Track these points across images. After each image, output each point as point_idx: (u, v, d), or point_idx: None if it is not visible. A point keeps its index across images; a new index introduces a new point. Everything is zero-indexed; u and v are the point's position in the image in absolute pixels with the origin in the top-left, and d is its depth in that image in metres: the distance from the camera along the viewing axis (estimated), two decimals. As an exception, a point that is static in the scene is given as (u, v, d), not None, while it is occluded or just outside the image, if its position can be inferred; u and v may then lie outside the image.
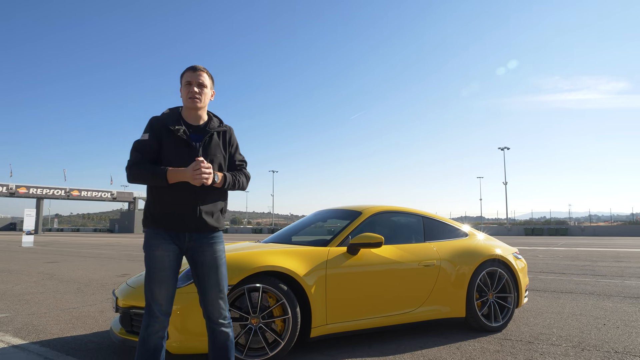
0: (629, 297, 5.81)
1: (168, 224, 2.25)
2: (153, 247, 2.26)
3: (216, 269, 2.32)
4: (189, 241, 2.29)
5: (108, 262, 11.72)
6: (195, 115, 2.37)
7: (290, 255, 3.22)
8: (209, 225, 2.30)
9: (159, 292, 2.24)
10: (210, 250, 2.32)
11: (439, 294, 3.74)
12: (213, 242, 2.34)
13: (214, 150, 2.35)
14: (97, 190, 79.97)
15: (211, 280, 2.30)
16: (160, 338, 2.27)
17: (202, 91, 2.32)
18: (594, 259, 12.45)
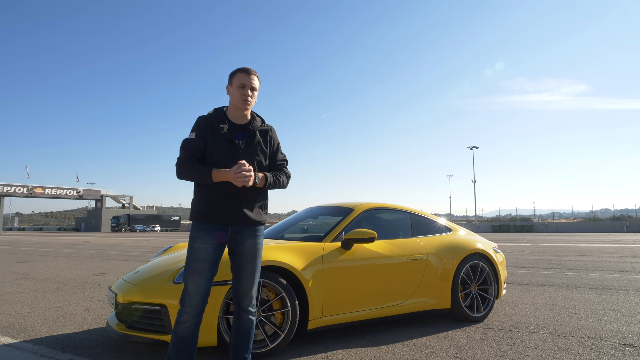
0: (595, 289, 6.19)
1: (212, 218, 2.38)
2: (194, 239, 2.39)
3: (253, 260, 2.46)
4: (231, 233, 2.42)
5: (81, 262, 11.46)
6: (241, 115, 2.50)
7: (288, 250, 3.32)
8: (250, 220, 2.43)
9: (191, 283, 2.33)
10: (250, 242, 2.45)
11: (426, 287, 3.92)
12: (253, 235, 2.47)
13: (255, 149, 2.47)
14: (62, 188, 77.19)
15: (247, 270, 2.44)
16: (188, 330, 2.34)
17: (253, 94, 2.47)
18: (560, 254, 13.07)
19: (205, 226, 2.39)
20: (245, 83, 2.42)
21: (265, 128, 2.55)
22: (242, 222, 2.41)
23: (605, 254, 13.23)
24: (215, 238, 2.39)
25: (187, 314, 2.33)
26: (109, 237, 35.60)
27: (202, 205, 2.41)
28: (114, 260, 11.78)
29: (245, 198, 2.42)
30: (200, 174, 2.34)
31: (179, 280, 2.99)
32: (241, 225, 2.42)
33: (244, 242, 2.44)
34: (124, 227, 71.27)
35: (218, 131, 2.42)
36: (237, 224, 2.41)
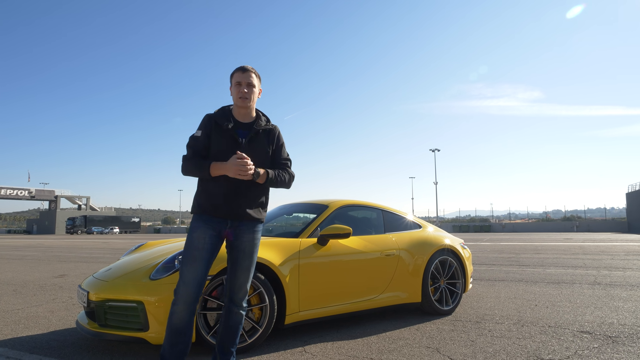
0: (552, 283, 6.55)
1: (212, 212, 2.40)
2: (193, 229, 2.41)
3: (250, 255, 2.49)
4: (229, 227, 2.44)
5: (37, 264, 10.94)
6: (245, 113, 2.51)
7: (266, 246, 3.34)
8: (248, 216, 2.45)
9: (187, 271, 2.34)
10: (248, 237, 2.47)
11: (398, 281, 4.04)
12: (251, 230, 2.49)
13: (258, 147, 2.48)
14: (12, 188, 73.18)
15: (244, 264, 2.46)
16: (182, 321, 2.33)
17: (251, 91, 2.47)
18: (517, 252, 13.67)
19: (205, 218, 2.41)
20: (241, 80, 2.45)
21: (269, 127, 2.57)
22: (241, 217, 2.43)
23: (559, 251, 13.95)
24: (214, 230, 2.41)
25: (182, 303, 2.33)
26: (64, 240, 34.07)
27: (202, 198, 2.44)
28: (73, 262, 11.32)
29: (246, 194, 2.44)
30: (200, 169, 2.37)
31: (155, 276, 2.95)
32: (240, 221, 2.45)
33: (241, 237, 2.46)
34: (80, 229, 68.34)
35: (222, 129, 2.44)
36: (236, 219, 2.43)
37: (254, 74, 2.50)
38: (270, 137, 2.57)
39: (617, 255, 12.03)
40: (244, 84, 2.45)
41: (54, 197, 78.26)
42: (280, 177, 2.52)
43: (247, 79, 2.46)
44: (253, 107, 2.56)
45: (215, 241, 2.43)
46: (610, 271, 8.06)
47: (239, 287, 2.47)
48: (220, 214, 2.41)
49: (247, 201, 2.44)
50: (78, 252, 16.06)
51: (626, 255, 12.06)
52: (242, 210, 2.42)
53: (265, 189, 2.55)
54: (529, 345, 3.22)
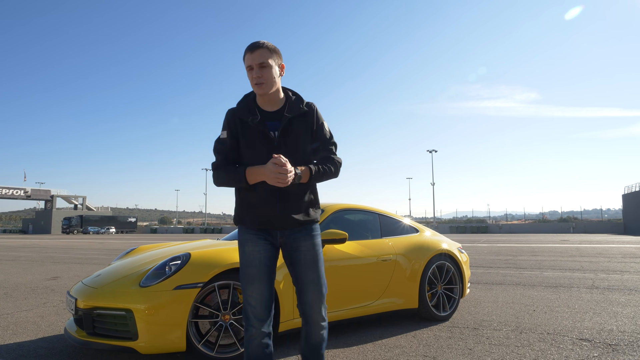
0: (550, 287, 6.49)
1: (255, 224, 2.08)
2: (243, 242, 2.09)
3: (314, 265, 2.09)
4: (280, 237, 2.10)
5: (30, 265, 10.83)
6: (270, 99, 2.09)
7: (259, 252, 3.26)
8: (297, 221, 2.07)
9: (250, 291, 2.03)
10: (305, 245, 2.09)
11: (395, 287, 3.97)
12: (307, 236, 2.10)
13: (293, 138, 2.07)
14: (7, 188, 72.84)
15: (309, 278, 2.08)
16: (260, 347, 2.01)
17: (265, 73, 2.00)
18: (514, 254, 13.65)
19: (253, 229, 2.09)
20: (252, 63, 2.00)
21: (302, 110, 2.10)
22: (289, 225, 2.07)
23: (556, 253, 13.93)
24: (266, 240, 2.08)
25: (255, 328, 2.01)
26: (59, 240, 33.87)
27: (242, 210, 2.10)
28: (67, 264, 11.21)
29: (289, 198, 2.05)
30: (235, 178, 2.02)
31: (145, 283, 2.87)
32: (290, 229, 2.09)
33: (298, 246, 2.08)
34: (76, 229, 67.97)
35: (249, 125, 2.06)
36: (285, 228, 2.08)
37: (267, 50, 2.01)
38: (307, 121, 2.11)
39: (614, 257, 12.01)
40: (256, 66, 2.00)
41: (50, 196, 77.90)
42: (327, 168, 2.09)
43: (257, 59, 1.99)
44: (277, 90, 2.09)
45: (271, 252, 2.08)
46: (608, 274, 8.02)
47: (310, 306, 2.08)
48: (266, 226, 2.07)
49: (293, 205, 2.06)
50: (73, 253, 15.94)
51: (623, 257, 12.04)
52: (288, 217, 2.05)
53: (312, 185, 2.15)
54: (527, 354, 3.15)
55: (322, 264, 2.12)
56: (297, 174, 1.97)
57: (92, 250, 17.72)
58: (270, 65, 2.01)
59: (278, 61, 2.06)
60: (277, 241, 2.10)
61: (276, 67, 2.05)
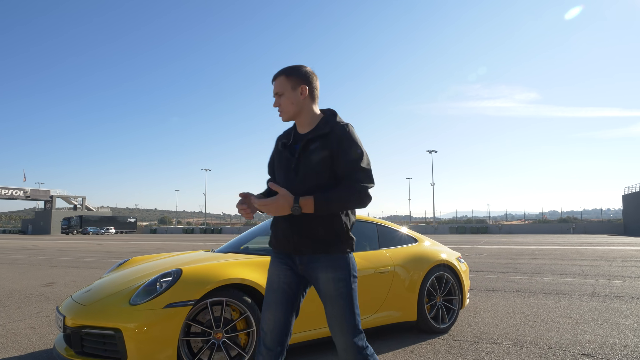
0: (550, 294, 6.42)
1: (275, 246, 2.04)
2: (269, 265, 2.06)
3: (334, 300, 1.90)
4: (300, 264, 1.97)
5: (27, 270, 10.74)
6: (300, 123, 2.04)
7: (253, 266, 3.18)
8: (307, 249, 1.92)
9: (265, 317, 1.96)
10: (324, 277, 1.91)
11: (393, 300, 3.88)
12: (327, 268, 1.91)
13: (309, 161, 1.94)
14: (7, 188, 72.75)
15: (329, 312, 1.93)
16: None
17: (281, 101, 2.00)
18: (514, 257, 13.57)
19: (276, 252, 2.05)
20: (273, 93, 2.04)
21: (323, 132, 1.96)
22: (299, 252, 1.95)
23: (556, 256, 13.85)
24: (287, 265, 1.99)
25: (262, 356, 1.91)
26: (58, 241, 33.79)
27: (271, 229, 2.09)
28: (64, 268, 11.13)
29: (300, 223, 1.91)
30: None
31: (135, 301, 2.79)
32: (307, 256, 1.95)
33: (317, 277, 1.94)
34: (76, 230, 67.84)
35: (280, 147, 2.08)
36: (298, 253, 1.96)
37: (284, 76, 2.00)
38: (328, 143, 1.93)
39: (614, 261, 11.93)
40: (275, 96, 2.02)
41: (50, 197, 77.81)
42: (339, 198, 1.85)
43: (275, 89, 2.02)
44: (302, 113, 2.01)
45: (292, 279, 1.97)
46: (609, 280, 7.94)
47: (335, 340, 1.92)
48: (282, 249, 2.00)
49: (303, 231, 1.91)
50: (71, 256, 15.86)
51: (624, 261, 11.96)
52: (300, 242, 1.92)
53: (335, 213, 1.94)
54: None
55: (346, 299, 1.89)
56: (295, 205, 1.83)
57: (90, 253, 17.64)
58: (283, 93, 1.99)
59: (297, 84, 1.99)
60: (297, 268, 1.98)
61: (294, 92, 1.99)
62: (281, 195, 1.83)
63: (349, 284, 1.91)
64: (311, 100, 2.02)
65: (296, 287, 1.98)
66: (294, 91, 1.99)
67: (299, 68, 2.02)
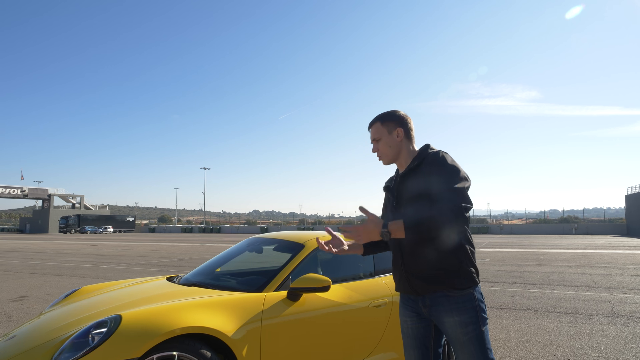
0: (565, 314, 5.82)
1: (397, 284, 2.06)
2: (399, 309, 2.08)
3: (464, 346, 1.81)
4: (423, 306, 1.93)
5: (6, 278, 10.15)
6: (400, 164, 2.10)
7: (216, 307, 2.56)
8: (426, 288, 1.88)
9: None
10: (449, 322, 1.83)
11: (391, 338, 3.27)
12: (450, 310, 1.83)
13: (406, 192, 1.99)
14: (4, 187, 72.23)
15: (459, 357, 1.86)
16: None
17: (380, 146, 2.08)
18: (519, 263, 12.96)
19: (401, 295, 2.07)
20: (371, 140, 2.13)
21: (416, 163, 1.98)
22: (418, 292, 1.92)
23: (562, 262, 13.26)
24: (412, 309, 1.98)
25: None
26: (53, 241, 33.22)
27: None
28: (45, 276, 10.54)
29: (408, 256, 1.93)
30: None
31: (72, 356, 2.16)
32: (425, 296, 1.90)
33: (442, 321, 1.86)
34: (74, 228, 67.30)
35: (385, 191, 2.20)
36: (417, 294, 1.93)
37: (379, 123, 2.09)
38: (419, 172, 1.96)
39: (625, 268, 11.33)
40: (373, 142, 2.12)
41: (47, 195, 77.25)
42: (428, 217, 1.74)
43: (372, 135, 2.12)
44: (401, 154, 2.07)
45: (418, 323, 1.96)
46: (626, 294, 7.34)
47: None
48: (402, 290, 2.03)
49: (416, 266, 1.90)
50: (59, 260, 15.28)
51: (635, 268, 11.37)
52: (415, 281, 1.91)
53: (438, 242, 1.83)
54: None
55: (477, 344, 1.80)
56: (383, 230, 1.77)
57: (81, 256, 17.06)
58: (379, 139, 2.08)
59: (392, 128, 2.07)
60: (421, 311, 1.94)
61: (391, 136, 2.06)
62: (370, 220, 1.79)
63: (479, 327, 1.81)
64: (407, 140, 2.07)
65: (423, 331, 1.95)
66: (390, 135, 2.06)
67: (393, 113, 2.10)
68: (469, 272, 1.85)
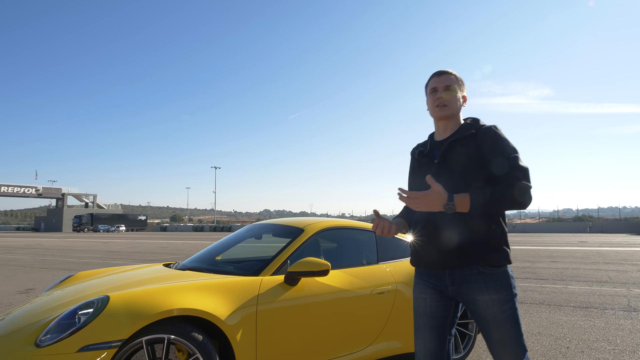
0: (579, 308, 5.62)
1: (418, 262, 1.90)
2: (413, 287, 1.96)
3: (500, 325, 1.72)
4: (450, 283, 1.79)
5: (16, 272, 10.22)
6: (445, 126, 1.94)
7: (209, 289, 2.47)
8: (463, 262, 1.75)
9: (415, 343, 1.88)
10: (482, 300, 1.73)
11: (394, 327, 3.14)
12: (485, 287, 1.73)
13: (454, 162, 1.82)
14: (19, 186, 73.36)
15: (493, 337, 1.75)
16: None
17: (449, 95, 1.90)
18: (532, 260, 12.69)
19: (421, 271, 1.92)
20: (437, 85, 1.92)
21: (469, 132, 1.84)
22: (452, 267, 1.78)
23: (576, 258, 12.94)
24: (433, 287, 1.85)
25: None
26: (66, 239, 33.59)
27: (411, 246, 1.95)
28: (55, 270, 10.59)
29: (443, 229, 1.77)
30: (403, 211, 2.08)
31: (42, 342, 2.08)
32: (459, 270, 1.77)
33: (474, 299, 1.75)
34: (87, 227, 68.21)
35: (418, 157, 1.99)
36: (448, 268, 1.79)
37: (454, 77, 1.94)
38: (475, 143, 1.81)
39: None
40: (441, 88, 1.91)
41: (61, 194, 78.32)
42: (498, 194, 1.66)
43: (443, 82, 1.91)
44: (456, 117, 1.93)
45: (438, 302, 1.84)
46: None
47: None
48: (427, 265, 1.86)
49: (448, 238, 1.76)
50: (69, 256, 15.38)
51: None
52: (451, 255, 1.76)
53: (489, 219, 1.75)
54: None
55: (513, 322, 1.73)
56: (449, 203, 1.65)
57: (92, 253, 17.17)
58: (455, 90, 1.93)
59: (462, 89, 1.97)
60: (447, 289, 1.82)
61: (459, 95, 1.95)
62: (435, 191, 1.65)
63: (514, 304, 1.76)
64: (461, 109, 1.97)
65: (443, 311, 1.85)
66: (460, 93, 1.95)
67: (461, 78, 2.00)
68: (506, 251, 1.79)
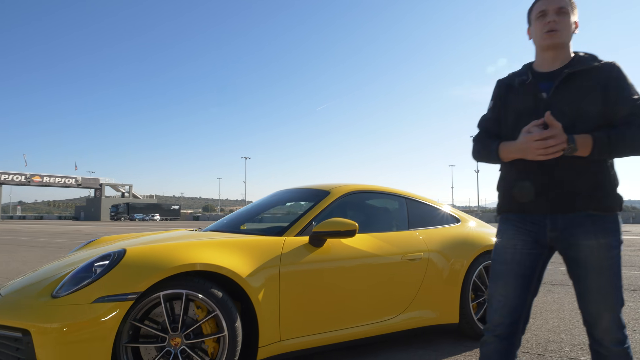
0: (627, 290, 5.23)
1: (514, 208, 1.71)
2: (498, 234, 1.77)
3: (603, 272, 1.58)
4: (551, 229, 1.63)
5: (53, 252, 10.57)
6: (553, 58, 1.68)
7: (230, 247, 2.35)
8: (576, 205, 1.59)
9: (493, 293, 1.71)
10: (590, 245, 1.58)
11: (426, 295, 2.95)
12: (594, 231, 1.58)
13: (573, 98, 1.60)
14: (60, 177, 76.45)
15: (592, 286, 1.62)
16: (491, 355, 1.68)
17: (562, 20, 1.64)
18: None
19: (513, 217, 1.71)
20: (546, 8, 1.64)
21: (590, 66, 1.62)
22: (560, 210, 1.61)
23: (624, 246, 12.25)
24: (527, 234, 1.67)
25: (489, 333, 1.69)
26: (104, 226, 34.78)
27: (500, 192, 1.77)
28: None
29: (563, 177, 1.59)
30: (487, 152, 1.73)
31: (59, 293, 2.01)
32: (565, 215, 1.61)
33: (578, 244, 1.61)
34: (123, 216, 70.64)
35: (516, 88, 1.72)
36: (555, 212, 1.62)
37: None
38: (597, 77, 1.61)
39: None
40: (552, 10, 1.64)
41: (99, 185, 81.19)
42: (625, 137, 1.52)
43: (555, 3, 1.64)
44: (567, 48, 1.69)
45: (531, 249, 1.67)
46: (698, 275, 6.57)
47: (593, 319, 1.62)
48: (527, 210, 1.68)
49: (561, 180, 1.60)
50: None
51: None
52: (562, 197, 1.60)
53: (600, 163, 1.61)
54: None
55: (617, 270, 1.61)
56: (569, 144, 1.49)
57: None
58: (568, 13, 1.66)
59: (574, 15, 1.70)
60: (544, 235, 1.65)
61: (572, 20, 1.69)
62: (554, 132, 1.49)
63: (619, 252, 1.64)
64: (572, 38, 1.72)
65: (534, 260, 1.68)
66: (573, 17, 1.69)
67: None
68: (620, 196, 1.66)
